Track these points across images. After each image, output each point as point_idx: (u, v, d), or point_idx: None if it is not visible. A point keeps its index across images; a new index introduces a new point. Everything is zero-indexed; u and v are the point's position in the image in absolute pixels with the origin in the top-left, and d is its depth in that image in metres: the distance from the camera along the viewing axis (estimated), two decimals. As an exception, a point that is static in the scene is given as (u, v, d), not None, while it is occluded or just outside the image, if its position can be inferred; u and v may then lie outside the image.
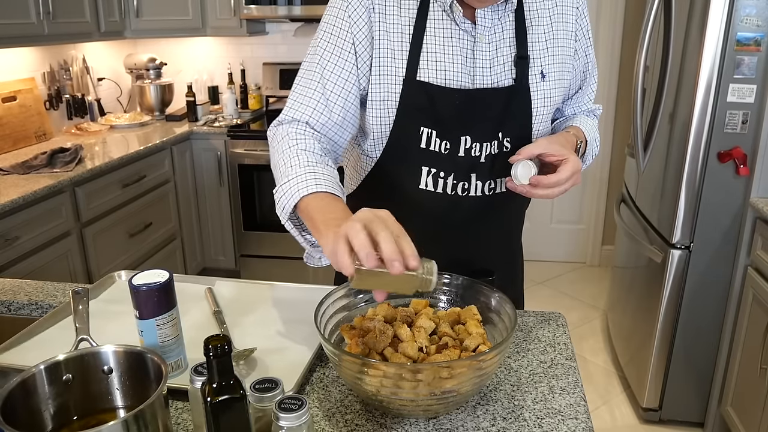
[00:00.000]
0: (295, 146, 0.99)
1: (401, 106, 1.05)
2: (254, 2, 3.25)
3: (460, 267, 1.07)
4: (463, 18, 1.03)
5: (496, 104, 1.06)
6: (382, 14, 1.03)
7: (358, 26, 1.03)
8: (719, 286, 2.18)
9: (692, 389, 2.33)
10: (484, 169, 1.08)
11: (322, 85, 1.05)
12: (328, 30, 1.05)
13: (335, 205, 0.89)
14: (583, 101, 1.23)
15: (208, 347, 0.67)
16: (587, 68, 1.18)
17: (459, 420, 0.86)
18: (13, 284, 1.31)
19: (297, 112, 1.05)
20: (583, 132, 1.16)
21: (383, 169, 1.13)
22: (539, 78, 1.08)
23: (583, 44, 1.15)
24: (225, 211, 3.45)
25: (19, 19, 2.53)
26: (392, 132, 1.08)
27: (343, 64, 1.04)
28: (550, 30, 1.09)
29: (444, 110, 1.04)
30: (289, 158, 0.98)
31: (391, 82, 1.04)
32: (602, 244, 3.92)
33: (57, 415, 0.78)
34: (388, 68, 1.04)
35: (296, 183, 0.93)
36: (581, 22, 1.13)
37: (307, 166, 0.95)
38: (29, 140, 2.91)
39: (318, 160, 0.97)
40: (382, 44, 1.03)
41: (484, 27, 1.04)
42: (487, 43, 1.04)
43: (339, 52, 1.04)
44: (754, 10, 1.90)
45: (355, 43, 1.03)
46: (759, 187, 2.03)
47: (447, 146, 1.06)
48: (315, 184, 0.91)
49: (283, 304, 1.18)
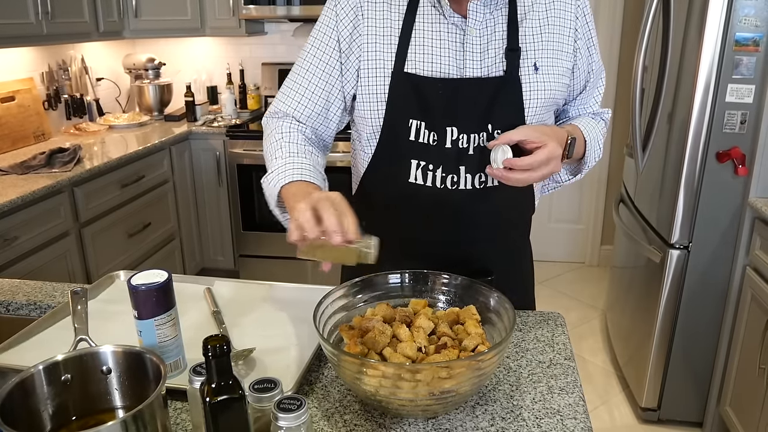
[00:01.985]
0: (280, 139, 1.11)
1: (390, 98, 1.09)
2: (253, 2, 3.25)
3: (457, 265, 1.07)
4: (451, 11, 1.06)
5: (483, 94, 1.07)
6: (370, 11, 1.09)
7: (343, 24, 1.10)
8: (718, 286, 2.18)
9: (691, 389, 2.33)
10: (473, 162, 1.08)
11: (307, 80, 1.14)
12: (317, 28, 1.14)
13: (309, 191, 0.99)
14: (589, 103, 1.23)
15: (207, 347, 0.67)
16: (591, 68, 1.18)
17: (458, 420, 0.86)
18: (12, 284, 1.31)
19: (283, 104, 1.16)
20: (581, 131, 1.16)
21: (377, 164, 1.15)
22: (532, 70, 1.08)
23: (585, 43, 1.14)
24: (224, 211, 3.45)
25: (18, 19, 2.53)
26: (383, 125, 1.11)
27: (327, 60, 1.12)
28: (546, 24, 1.10)
29: (429, 100, 1.07)
30: (273, 150, 1.10)
31: (380, 75, 1.09)
32: (601, 244, 3.92)
33: (56, 416, 0.78)
34: (377, 62, 1.09)
35: (278, 174, 1.04)
36: (582, 21, 1.13)
37: (288, 157, 1.06)
38: (28, 140, 2.91)
39: (300, 150, 1.09)
40: (371, 39, 1.09)
41: (475, 21, 1.06)
42: (477, 36, 1.07)
43: (324, 48, 1.12)
44: (752, 11, 1.91)
45: (339, 39, 1.10)
46: (757, 187, 2.03)
47: (435, 137, 1.08)
48: (293, 174, 1.03)
49: (282, 304, 1.18)
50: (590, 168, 1.22)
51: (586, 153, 1.18)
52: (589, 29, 1.14)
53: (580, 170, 1.22)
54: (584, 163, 1.19)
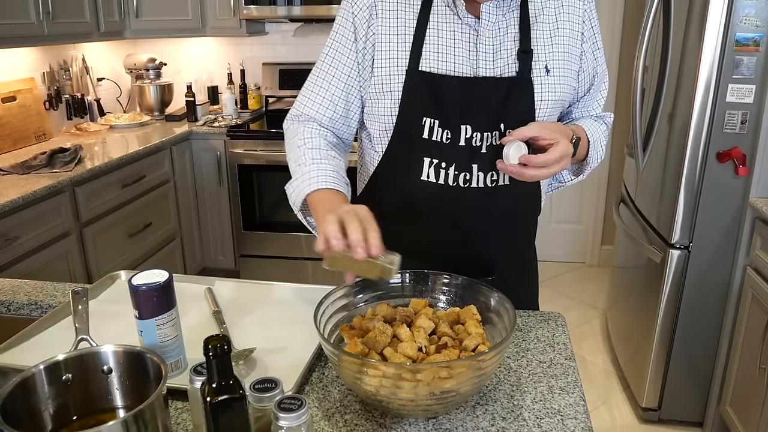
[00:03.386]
0: (303, 145, 1.12)
1: (404, 97, 1.09)
2: (254, 2, 3.25)
3: (464, 264, 1.07)
4: (466, 12, 1.07)
5: (496, 94, 1.08)
6: (385, 10, 1.10)
7: (359, 22, 1.10)
8: (718, 286, 2.18)
9: (691, 389, 2.33)
10: (485, 160, 1.09)
11: (327, 81, 1.14)
12: (334, 30, 1.15)
13: (334, 199, 1.02)
14: (592, 106, 1.24)
15: (208, 347, 0.67)
16: (596, 72, 1.19)
17: (458, 420, 0.86)
18: (13, 284, 1.31)
19: (305, 107, 1.17)
20: (585, 131, 1.16)
21: (387, 163, 1.16)
22: (543, 72, 1.10)
23: (591, 47, 1.16)
24: (224, 211, 3.45)
25: (19, 19, 2.53)
26: (396, 124, 1.11)
27: (345, 61, 1.13)
28: (555, 27, 1.11)
29: (445, 98, 1.08)
30: (297, 156, 1.11)
31: (394, 74, 1.09)
32: (601, 244, 3.92)
33: (56, 415, 0.78)
34: (392, 61, 1.09)
35: (302, 181, 1.06)
36: (588, 25, 1.14)
37: (312, 164, 1.07)
38: (29, 140, 2.91)
39: (323, 156, 1.09)
40: (386, 38, 1.09)
41: (488, 22, 1.07)
42: (490, 37, 1.08)
43: (342, 49, 1.13)
44: (753, 11, 1.91)
45: (357, 39, 1.11)
46: (758, 187, 2.03)
47: (449, 135, 1.09)
48: (317, 182, 1.04)
49: (282, 304, 1.18)
50: (592, 169, 1.22)
51: (589, 154, 1.18)
52: (594, 33, 1.15)
53: (582, 171, 1.22)
54: (587, 164, 1.20)
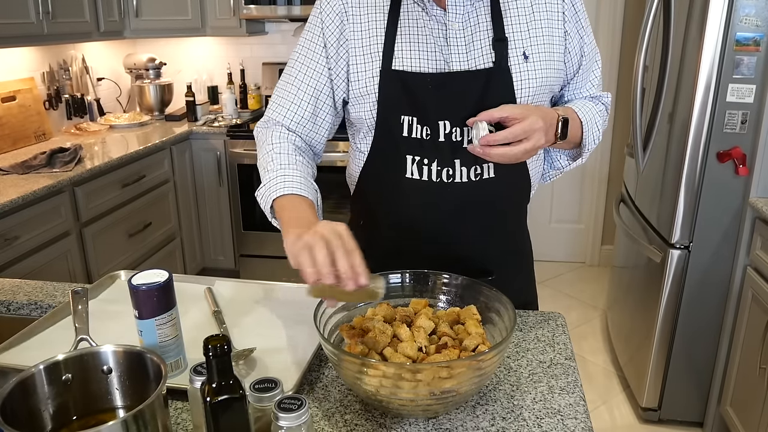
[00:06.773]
0: (270, 150, 1.11)
1: (381, 97, 1.09)
2: (254, 2, 3.25)
3: (457, 263, 1.07)
4: (432, 5, 1.06)
5: (474, 87, 1.06)
6: (355, 14, 1.10)
7: (329, 30, 1.11)
8: (718, 286, 2.18)
9: (691, 389, 2.33)
10: (467, 154, 1.08)
11: (295, 86, 1.14)
12: (303, 36, 1.14)
13: (299, 205, 1.01)
14: (585, 87, 1.20)
15: (208, 347, 0.67)
16: (583, 51, 1.16)
17: (458, 420, 0.86)
18: (13, 284, 1.31)
19: (273, 112, 1.16)
20: (575, 112, 1.14)
21: (373, 163, 1.16)
22: (521, 59, 1.08)
23: (575, 26, 1.13)
24: (224, 210, 3.45)
25: (19, 19, 2.53)
26: (376, 124, 1.12)
27: (314, 66, 1.12)
28: (531, 12, 1.09)
29: (419, 95, 1.07)
30: (265, 163, 1.10)
31: (369, 76, 1.10)
32: (601, 244, 3.92)
33: (56, 415, 0.78)
34: (365, 63, 1.10)
35: (269, 187, 1.05)
36: (569, 4, 1.11)
37: (279, 170, 1.06)
38: (28, 140, 2.91)
39: (291, 161, 1.08)
40: (358, 42, 1.10)
41: (456, 14, 1.06)
42: (461, 30, 1.07)
43: (311, 54, 1.13)
44: (753, 10, 1.91)
45: (326, 45, 1.11)
46: (758, 187, 2.03)
47: (428, 132, 1.08)
48: (284, 188, 1.03)
49: (282, 304, 1.18)
50: (590, 151, 1.19)
51: (584, 135, 1.16)
52: (575, 11, 1.12)
53: (580, 154, 1.20)
54: (583, 146, 1.17)
